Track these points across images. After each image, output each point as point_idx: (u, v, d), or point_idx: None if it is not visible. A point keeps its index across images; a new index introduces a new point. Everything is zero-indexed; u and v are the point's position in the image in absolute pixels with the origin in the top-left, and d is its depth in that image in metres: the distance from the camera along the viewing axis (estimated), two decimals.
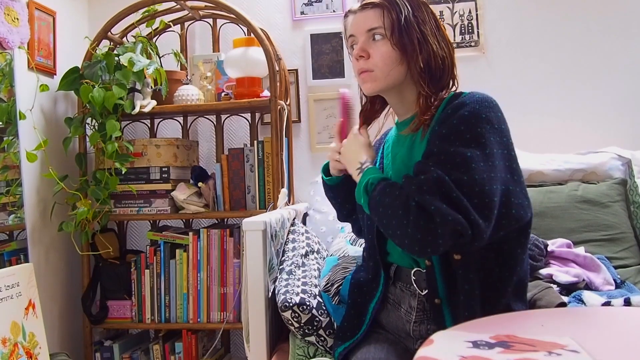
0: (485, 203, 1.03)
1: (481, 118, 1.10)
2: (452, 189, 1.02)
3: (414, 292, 1.21)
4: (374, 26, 1.19)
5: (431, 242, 1.02)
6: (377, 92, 1.25)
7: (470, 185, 1.03)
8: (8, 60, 1.87)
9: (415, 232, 1.02)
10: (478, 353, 0.79)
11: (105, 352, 2.11)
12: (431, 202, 1.01)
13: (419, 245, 1.03)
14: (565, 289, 1.53)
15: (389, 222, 1.08)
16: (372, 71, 1.21)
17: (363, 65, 1.21)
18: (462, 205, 1.01)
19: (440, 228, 1.00)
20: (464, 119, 1.10)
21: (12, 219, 1.90)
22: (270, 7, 2.38)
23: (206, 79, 2.19)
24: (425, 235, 1.02)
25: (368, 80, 1.22)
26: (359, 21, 1.22)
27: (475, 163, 1.05)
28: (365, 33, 1.20)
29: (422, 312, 1.20)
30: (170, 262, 2.08)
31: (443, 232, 1.01)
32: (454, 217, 1.00)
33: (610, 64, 2.18)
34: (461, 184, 1.03)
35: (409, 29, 1.17)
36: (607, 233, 1.79)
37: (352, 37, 1.24)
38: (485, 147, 1.07)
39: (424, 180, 1.05)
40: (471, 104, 1.11)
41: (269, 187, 2.04)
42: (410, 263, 1.23)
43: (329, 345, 1.43)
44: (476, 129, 1.09)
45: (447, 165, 1.06)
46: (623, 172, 1.96)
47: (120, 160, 2.01)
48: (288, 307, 1.40)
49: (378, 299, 1.27)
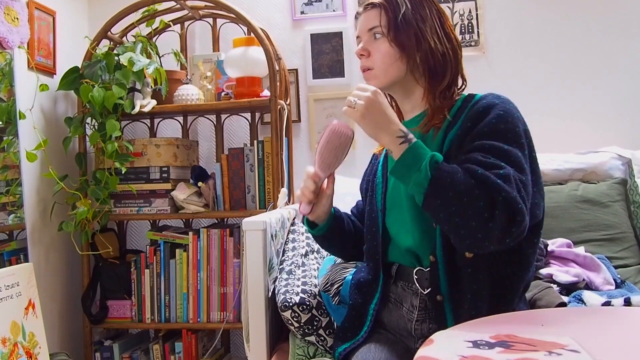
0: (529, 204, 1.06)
1: (515, 117, 1.13)
2: (520, 188, 1.04)
3: (416, 291, 1.21)
4: (373, 25, 1.23)
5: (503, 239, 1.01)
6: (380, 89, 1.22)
7: (526, 186, 1.06)
8: (8, 60, 1.87)
9: (496, 227, 0.99)
10: (478, 353, 0.79)
11: (105, 352, 2.11)
12: (519, 200, 1.01)
13: (488, 239, 1.01)
14: (565, 288, 1.53)
15: (463, 212, 1.01)
16: (372, 69, 1.24)
17: (364, 63, 1.26)
18: (527, 206, 1.04)
19: (517, 227, 1.01)
20: (501, 117, 1.11)
21: (12, 219, 1.90)
22: (270, 7, 2.38)
23: (206, 78, 2.19)
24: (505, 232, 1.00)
25: (369, 78, 1.25)
26: (362, 22, 1.26)
27: (526, 164, 1.08)
28: (367, 32, 1.24)
29: (424, 311, 1.20)
30: (170, 261, 2.08)
31: (517, 230, 1.01)
32: (524, 219, 1.02)
33: (610, 64, 2.18)
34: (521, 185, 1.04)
35: (407, 26, 1.20)
36: (607, 233, 1.79)
37: (359, 37, 1.28)
38: (523, 148, 1.11)
39: (506, 175, 1.02)
40: (502, 104, 1.14)
41: (269, 186, 2.04)
42: (412, 262, 1.23)
43: (329, 345, 1.43)
44: (514, 129, 1.11)
45: (509, 163, 1.06)
46: (623, 171, 1.96)
47: (120, 160, 2.01)
48: (288, 306, 1.40)
49: (378, 299, 1.27)
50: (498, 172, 1.03)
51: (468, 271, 1.12)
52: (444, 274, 1.15)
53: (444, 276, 1.15)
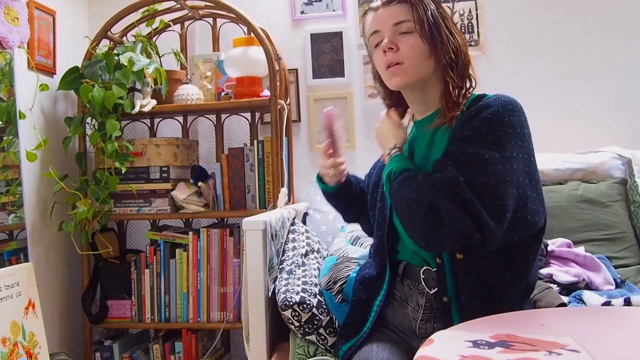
0: (498, 206, 1.04)
1: (504, 121, 1.10)
2: (465, 189, 1.03)
3: (422, 290, 1.21)
4: (401, 19, 1.19)
5: (438, 241, 1.05)
6: (405, 86, 1.23)
7: (484, 187, 1.04)
8: (8, 60, 1.87)
9: (424, 228, 1.05)
10: (478, 352, 0.79)
11: (105, 352, 2.11)
12: (441, 201, 1.03)
13: (425, 242, 1.07)
14: (566, 288, 1.53)
15: (403, 214, 1.11)
16: (402, 64, 1.19)
17: (393, 57, 1.19)
18: (473, 207, 1.02)
19: (447, 228, 1.02)
20: (486, 121, 1.10)
21: (12, 219, 1.90)
22: (270, 7, 2.38)
23: (206, 78, 2.19)
24: (432, 234, 1.04)
25: (398, 73, 1.20)
26: (383, 16, 1.21)
27: (493, 165, 1.06)
28: (392, 27, 1.20)
29: (429, 311, 1.20)
30: (170, 261, 2.08)
31: (450, 232, 1.02)
32: (461, 219, 1.01)
33: (610, 64, 2.18)
34: (475, 186, 1.04)
35: (437, 23, 1.19)
36: (607, 232, 1.79)
37: (377, 33, 1.23)
38: (504, 150, 1.08)
39: (438, 179, 1.06)
40: (495, 107, 1.11)
41: (269, 186, 2.04)
42: (420, 261, 1.22)
43: (329, 344, 1.43)
44: (498, 132, 1.09)
45: (464, 165, 1.06)
46: (623, 171, 1.96)
47: (120, 159, 2.01)
48: (288, 306, 1.40)
49: (383, 296, 1.27)
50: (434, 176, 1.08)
51: (461, 272, 1.13)
52: (450, 275, 1.15)
53: (450, 278, 1.15)
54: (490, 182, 1.04)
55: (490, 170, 1.05)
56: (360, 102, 2.32)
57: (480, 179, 1.05)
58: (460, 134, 1.12)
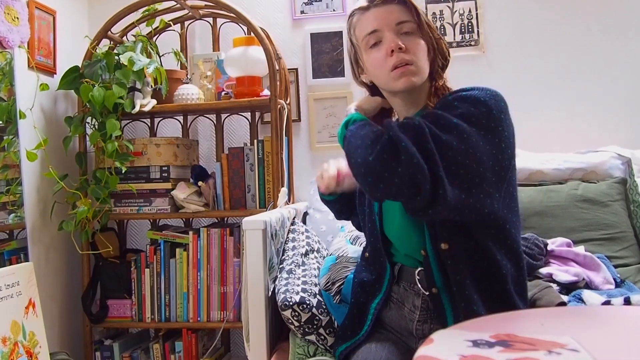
0: (457, 172, 1.00)
1: (479, 101, 1.07)
2: (429, 140, 0.99)
3: (418, 291, 1.21)
4: (403, 19, 1.16)
5: (386, 178, 0.97)
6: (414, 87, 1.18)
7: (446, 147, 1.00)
8: (8, 60, 1.87)
9: (375, 162, 0.98)
10: (478, 352, 0.79)
11: (105, 351, 2.11)
12: (404, 139, 0.97)
13: (373, 179, 0.99)
14: (565, 288, 1.53)
15: (355, 150, 1.03)
16: (411, 64, 1.15)
17: (405, 57, 1.15)
18: (433, 158, 0.97)
19: (401, 167, 0.96)
20: (461, 98, 1.09)
21: (12, 218, 1.90)
22: (270, 6, 2.38)
23: (206, 78, 2.19)
24: (383, 168, 0.97)
25: (409, 74, 1.15)
26: (384, 15, 1.17)
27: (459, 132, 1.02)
28: (394, 27, 1.16)
29: (425, 311, 1.21)
30: (170, 261, 2.08)
31: (403, 172, 0.96)
32: (418, 162, 0.96)
33: (610, 63, 2.18)
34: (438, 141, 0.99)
35: (429, 23, 1.19)
36: (607, 232, 1.79)
37: (375, 32, 1.18)
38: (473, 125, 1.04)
39: (404, 123, 1.02)
40: (474, 91, 1.10)
41: (269, 186, 2.04)
42: (414, 263, 1.23)
43: (329, 344, 1.43)
44: (470, 108, 1.06)
45: (432, 123, 1.03)
46: (623, 171, 1.96)
47: (120, 159, 2.01)
48: (288, 306, 1.40)
49: (381, 299, 1.27)
50: (401, 121, 1.03)
51: (449, 263, 1.13)
52: (436, 265, 1.15)
53: (436, 268, 1.15)
54: (453, 145, 1.00)
55: (455, 134, 1.01)
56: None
57: (444, 138, 1.00)
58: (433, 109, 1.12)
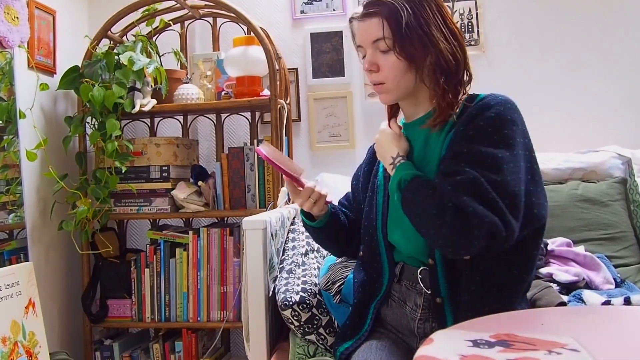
0: (515, 204, 1.05)
1: (507, 119, 1.11)
2: (489, 190, 1.03)
3: (420, 290, 1.21)
4: (377, 37, 1.17)
5: (466, 244, 1.02)
6: (393, 102, 1.26)
7: (503, 187, 1.04)
8: (8, 59, 1.87)
9: (450, 233, 1.03)
10: (478, 352, 0.79)
11: (105, 351, 2.11)
12: (469, 203, 1.02)
13: (453, 247, 1.04)
14: (565, 288, 1.53)
15: (421, 221, 1.09)
16: (383, 84, 1.20)
17: (374, 78, 1.21)
18: (498, 206, 1.03)
19: (476, 230, 1.01)
20: (491, 120, 1.11)
21: (12, 218, 1.90)
22: (270, 6, 2.38)
23: (206, 77, 2.18)
24: (460, 237, 1.02)
25: (382, 92, 1.22)
26: (363, 32, 1.21)
27: (506, 164, 1.06)
28: (371, 45, 1.19)
29: (427, 310, 1.20)
30: (170, 261, 2.08)
31: (479, 233, 1.01)
32: (491, 219, 1.01)
33: (610, 63, 2.18)
34: (495, 186, 1.04)
35: (411, 34, 1.14)
36: (607, 232, 1.79)
37: (360, 47, 1.23)
38: (512, 148, 1.09)
39: (460, 181, 1.05)
40: (497, 106, 1.12)
41: (269, 186, 2.04)
42: (417, 262, 1.22)
43: (329, 343, 1.43)
44: (503, 131, 1.10)
45: (480, 166, 1.06)
46: (623, 171, 1.96)
47: (120, 159, 2.01)
48: (288, 305, 1.40)
49: (381, 297, 1.27)
50: (455, 178, 1.05)
51: (466, 273, 1.13)
52: (442, 276, 1.15)
53: (442, 279, 1.15)
54: (506, 181, 1.05)
55: (504, 169, 1.06)
56: (360, 101, 2.32)
57: (498, 179, 1.05)
58: (465, 133, 1.12)
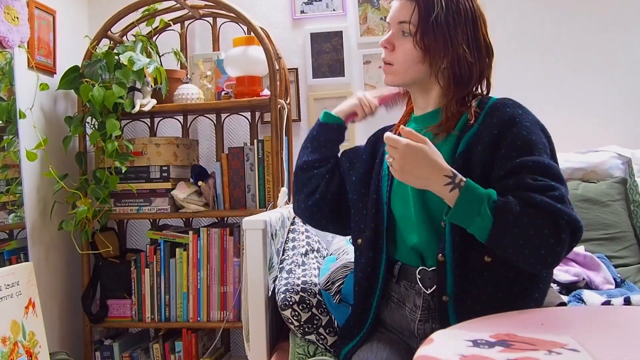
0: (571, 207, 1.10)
1: (539, 126, 1.17)
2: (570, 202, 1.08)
3: (419, 290, 1.21)
4: (403, 20, 1.18)
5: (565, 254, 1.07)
6: (396, 85, 1.26)
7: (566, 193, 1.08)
8: (8, 59, 1.87)
9: (565, 250, 1.05)
10: (478, 352, 0.79)
11: (105, 351, 2.11)
12: (577, 218, 1.05)
13: (557, 260, 1.07)
14: (565, 288, 1.53)
15: (529, 242, 1.02)
16: (392, 65, 1.21)
17: (386, 57, 1.21)
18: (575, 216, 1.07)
19: (578, 240, 1.07)
20: (530, 129, 1.13)
21: (12, 218, 1.90)
22: (270, 6, 2.38)
23: (206, 77, 2.18)
24: (569, 250, 1.07)
25: (388, 73, 1.22)
26: (395, 10, 1.21)
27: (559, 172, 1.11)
28: (397, 25, 1.19)
29: (427, 311, 1.20)
30: (170, 261, 2.08)
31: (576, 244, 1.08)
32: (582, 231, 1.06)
33: (610, 63, 2.18)
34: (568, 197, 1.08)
35: (436, 29, 1.14)
36: (607, 232, 1.79)
37: (388, 24, 1.23)
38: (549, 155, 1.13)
39: (559, 198, 1.05)
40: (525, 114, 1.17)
41: (269, 186, 2.04)
42: (416, 262, 1.22)
43: (329, 343, 1.43)
44: (542, 139, 1.14)
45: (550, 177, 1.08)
46: (623, 171, 1.96)
47: (120, 159, 2.01)
48: (288, 305, 1.40)
49: (379, 296, 1.26)
50: (554, 194, 1.05)
51: (485, 274, 1.11)
52: (451, 274, 1.13)
53: (451, 277, 1.13)
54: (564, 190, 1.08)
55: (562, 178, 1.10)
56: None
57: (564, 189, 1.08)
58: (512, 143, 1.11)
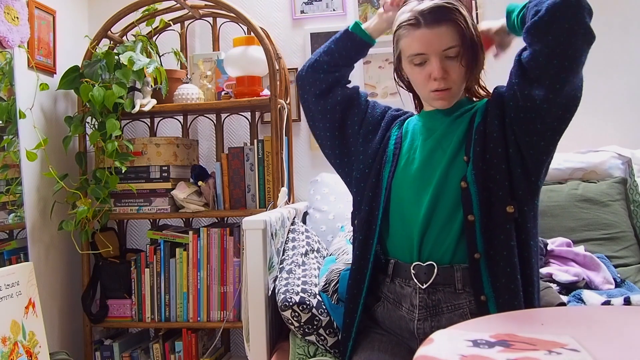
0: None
1: None
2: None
3: (414, 286, 1.21)
4: (450, 45, 1.18)
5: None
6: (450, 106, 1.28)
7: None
8: (8, 59, 1.87)
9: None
10: (478, 352, 0.79)
11: (105, 351, 2.11)
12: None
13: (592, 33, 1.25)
14: (565, 288, 1.53)
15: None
16: (450, 89, 1.22)
17: (442, 84, 1.20)
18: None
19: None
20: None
21: (12, 218, 1.90)
22: (270, 6, 2.38)
23: (206, 77, 2.18)
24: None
25: (446, 98, 1.23)
26: (431, 39, 1.17)
27: None
28: (441, 52, 1.18)
29: (424, 309, 1.20)
30: (170, 261, 2.08)
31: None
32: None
33: (610, 63, 2.17)
34: None
35: (473, 42, 1.21)
36: (607, 232, 1.79)
37: (422, 55, 1.19)
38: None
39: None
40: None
41: (269, 186, 2.04)
42: (410, 257, 1.22)
43: (329, 344, 1.43)
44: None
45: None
46: (623, 170, 1.96)
47: (120, 159, 2.01)
48: (288, 306, 1.40)
49: (366, 288, 1.26)
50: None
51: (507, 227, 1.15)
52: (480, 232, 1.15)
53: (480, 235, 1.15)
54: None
55: None
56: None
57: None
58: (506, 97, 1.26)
